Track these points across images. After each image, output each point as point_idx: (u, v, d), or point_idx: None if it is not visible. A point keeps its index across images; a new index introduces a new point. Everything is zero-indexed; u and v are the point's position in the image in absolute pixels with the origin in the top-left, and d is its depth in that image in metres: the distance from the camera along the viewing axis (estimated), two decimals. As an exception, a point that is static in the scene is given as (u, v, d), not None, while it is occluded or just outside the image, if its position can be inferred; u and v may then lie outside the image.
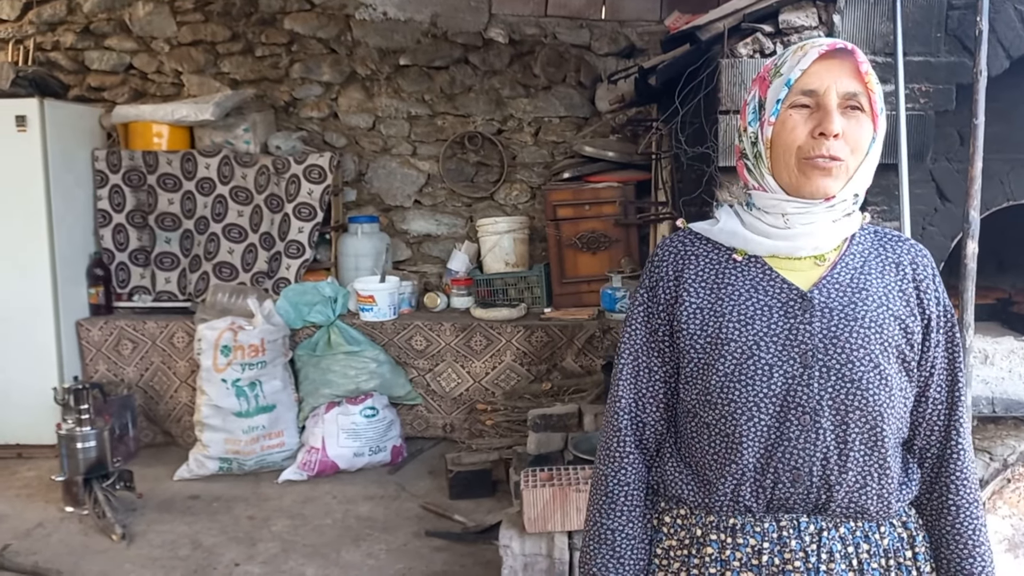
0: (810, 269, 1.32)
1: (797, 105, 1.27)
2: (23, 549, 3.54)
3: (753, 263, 1.33)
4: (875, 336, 1.27)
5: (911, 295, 1.33)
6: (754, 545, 1.29)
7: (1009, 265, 3.55)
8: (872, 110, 1.27)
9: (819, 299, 1.29)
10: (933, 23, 2.47)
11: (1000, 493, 2.74)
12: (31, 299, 4.57)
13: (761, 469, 1.28)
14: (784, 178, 1.29)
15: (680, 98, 2.94)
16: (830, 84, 1.26)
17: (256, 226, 4.92)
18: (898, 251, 1.36)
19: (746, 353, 1.27)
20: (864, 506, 1.29)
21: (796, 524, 1.29)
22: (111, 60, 5.39)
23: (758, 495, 1.29)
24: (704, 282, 1.34)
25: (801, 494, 1.27)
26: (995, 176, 2.70)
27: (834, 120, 1.25)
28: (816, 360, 1.26)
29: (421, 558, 3.46)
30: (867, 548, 1.30)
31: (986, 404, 2.60)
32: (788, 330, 1.28)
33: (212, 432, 4.26)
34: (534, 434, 3.75)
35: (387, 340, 4.64)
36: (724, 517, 1.31)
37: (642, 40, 5.19)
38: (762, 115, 1.31)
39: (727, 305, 1.31)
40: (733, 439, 1.28)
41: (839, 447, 1.26)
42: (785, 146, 1.28)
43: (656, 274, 1.39)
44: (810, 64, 1.26)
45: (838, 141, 1.25)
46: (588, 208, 4.73)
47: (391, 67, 5.29)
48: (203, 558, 3.48)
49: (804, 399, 1.26)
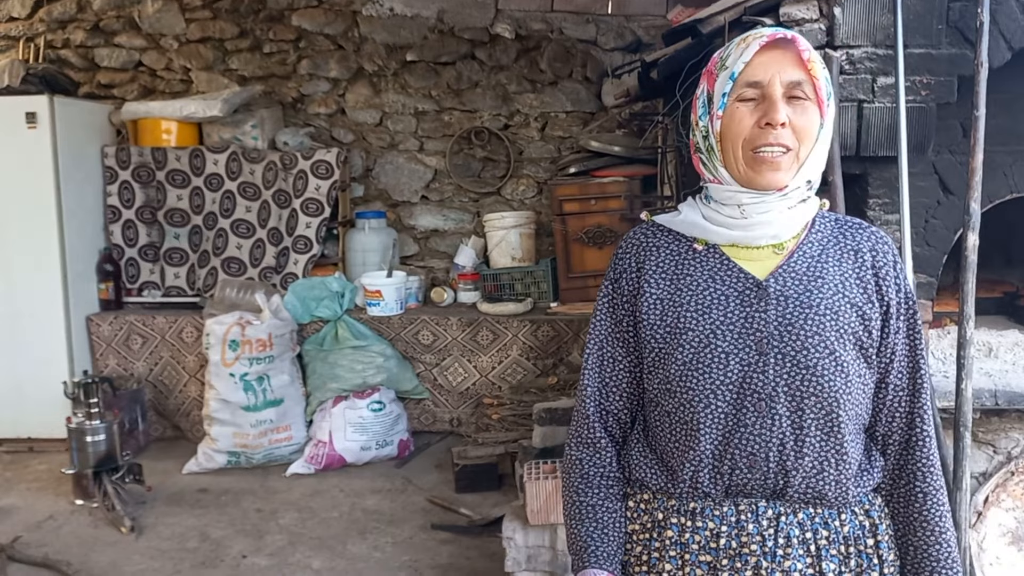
0: (768, 258, 1.34)
1: (744, 99, 1.29)
2: (34, 541, 3.58)
3: (712, 253, 1.35)
4: (830, 323, 1.29)
5: (869, 282, 1.34)
6: (712, 528, 1.31)
7: (1016, 259, 3.53)
8: (818, 96, 1.28)
9: (775, 287, 1.31)
10: (934, 15, 2.45)
11: (1004, 486, 2.73)
12: (42, 294, 4.62)
13: (719, 455, 1.30)
14: (735, 171, 1.31)
15: (682, 91, 2.94)
16: (774, 74, 1.27)
17: (264, 221, 4.95)
18: (858, 238, 1.37)
19: (703, 342, 1.30)
20: (822, 492, 1.30)
21: (754, 508, 1.30)
22: (120, 57, 5.43)
23: (716, 480, 1.31)
24: (664, 273, 1.37)
25: (758, 479, 1.29)
26: (999, 168, 2.68)
27: (779, 110, 1.26)
28: (771, 347, 1.28)
29: (427, 551, 3.48)
30: (826, 534, 1.31)
31: (989, 397, 2.58)
32: (744, 318, 1.30)
33: (220, 426, 4.29)
34: (540, 428, 3.75)
35: (394, 335, 4.66)
36: (684, 501, 1.34)
37: (648, 35, 5.19)
38: (711, 109, 1.33)
39: (685, 295, 1.33)
40: (691, 426, 1.30)
41: (795, 433, 1.28)
42: (733, 138, 1.30)
43: (619, 266, 1.41)
44: (752, 56, 1.28)
45: (785, 130, 1.27)
46: (594, 203, 4.73)
47: (398, 63, 5.31)
48: (211, 550, 3.52)
49: (760, 386, 1.27)
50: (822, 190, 2.25)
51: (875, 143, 2.46)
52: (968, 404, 2.35)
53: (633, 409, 1.44)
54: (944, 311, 2.99)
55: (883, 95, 2.45)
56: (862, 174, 2.58)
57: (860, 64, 2.46)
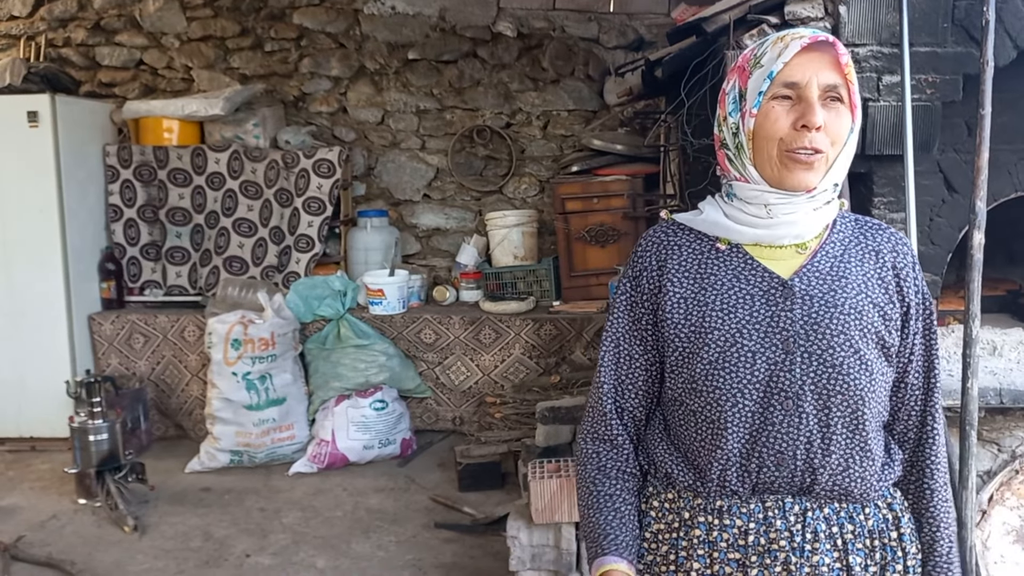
0: (791, 258, 1.34)
1: (779, 96, 1.28)
2: (37, 540, 3.58)
3: (735, 252, 1.35)
4: (854, 322, 1.30)
5: (890, 282, 1.35)
6: (740, 526, 1.32)
7: (1019, 257, 3.52)
8: (851, 101, 1.29)
9: (800, 287, 1.31)
10: (940, 13, 2.45)
11: (1008, 484, 2.73)
12: (44, 294, 4.62)
13: (746, 454, 1.30)
14: (766, 170, 1.31)
15: (686, 90, 2.93)
16: (812, 76, 1.27)
17: (266, 220, 4.95)
18: (878, 239, 1.38)
19: (729, 341, 1.30)
20: (847, 488, 1.31)
21: (781, 505, 1.31)
22: (122, 56, 5.43)
23: (744, 479, 1.31)
24: (687, 272, 1.36)
25: (786, 477, 1.30)
26: (1003, 167, 2.68)
27: (817, 112, 1.26)
28: (798, 346, 1.28)
29: (430, 550, 3.48)
30: (852, 529, 1.32)
31: (994, 395, 2.58)
32: (770, 317, 1.30)
33: (223, 425, 4.29)
34: (543, 426, 3.75)
35: (396, 333, 4.66)
36: (711, 500, 1.34)
37: (651, 33, 5.18)
38: (743, 105, 1.32)
39: (710, 294, 1.33)
40: (718, 425, 1.30)
41: (822, 431, 1.29)
42: (767, 138, 1.29)
43: (639, 264, 1.41)
44: (792, 56, 1.27)
45: (820, 133, 1.27)
46: (597, 201, 4.73)
47: (400, 61, 5.30)
48: (214, 549, 3.52)
49: (787, 384, 1.28)
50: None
51: (881, 141, 2.46)
52: (974, 403, 2.35)
53: (648, 407, 1.44)
54: (948, 310, 2.99)
55: (888, 94, 2.45)
56: (867, 172, 2.58)
57: (866, 62, 2.46)
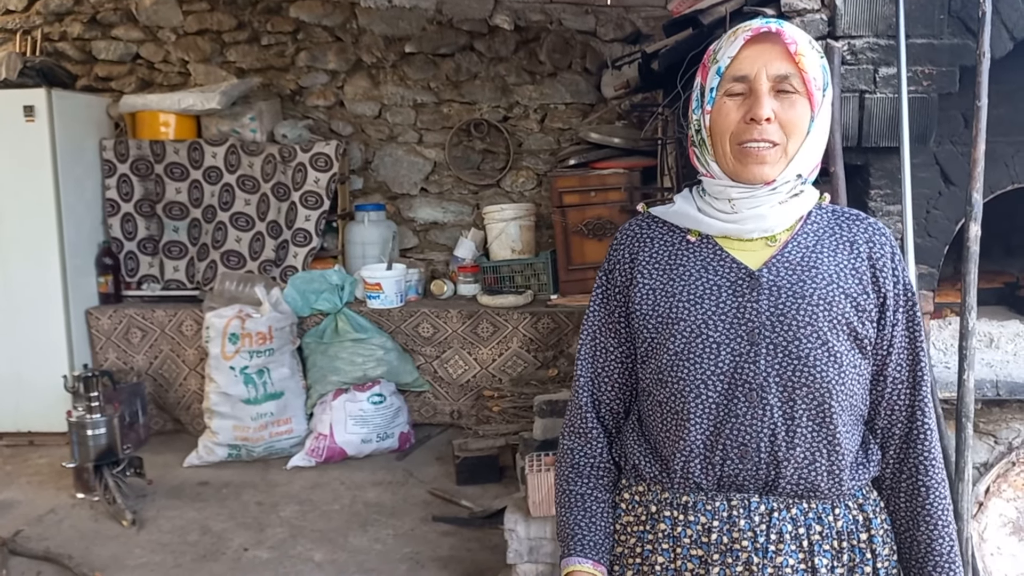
0: (761, 249, 1.33)
1: (731, 93, 1.28)
2: (35, 535, 3.58)
3: (705, 244, 1.35)
4: (823, 313, 1.28)
5: (864, 273, 1.33)
6: (704, 523, 1.31)
7: (1016, 249, 3.53)
8: (807, 90, 1.27)
9: (767, 278, 1.30)
10: (936, 5, 2.44)
11: (1005, 476, 2.73)
12: (41, 288, 4.61)
13: (710, 445, 1.30)
14: (724, 165, 1.31)
15: (683, 83, 2.93)
16: (760, 68, 1.26)
17: (263, 214, 4.94)
18: (854, 230, 1.36)
19: (695, 332, 1.30)
20: (814, 483, 1.29)
21: (747, 504, 1.30)
22: (118, 50, 5.41)
23: (707, 471, 1.30)
24: (658, 264, 1.37)
25: (750, 471, 1.29)
26: (1000, 159, 2.67)
27: (764, 105, 1.25)
28: (763, 337, 1.28)
29: (428, 543, 3.49)
30: (819, 530, 1.30)
31: (990, 387, 2.58)
32: (736, 309, 1.29)
33: (221, 419, 4.29)
34: (540, 420, 3.75)
35: (394, 327, 4.66)
36: (677, 494, 1.34)
37: (648, 26, 5.17)
38: (703, 102, 1.32)
39: (678, 285, 1.33)
40: (682, 416, 1.30)
41: (786, 423, 1.27)
42: (721, 133, 1.29)
43: (613, 257, 1.42)
44: (739, 50, 1.27)
45: (771, 125, 1.26)
46: (594, 195, 4.72)
47: (397, 55, 5.29)
48: (212, 543, 3.52)
49: (751, 376, 1.27)
50: (824, 181, 2.25)
51: (877, 134, 2.46)
52: (970, 395, 2.35)
53: (626, 399, 1.44)
54: (945, 302, 2.99)
55: (885, 85, 2.44)
56: (864, 165, 2.58)
57: (862, 54, 2.45)
